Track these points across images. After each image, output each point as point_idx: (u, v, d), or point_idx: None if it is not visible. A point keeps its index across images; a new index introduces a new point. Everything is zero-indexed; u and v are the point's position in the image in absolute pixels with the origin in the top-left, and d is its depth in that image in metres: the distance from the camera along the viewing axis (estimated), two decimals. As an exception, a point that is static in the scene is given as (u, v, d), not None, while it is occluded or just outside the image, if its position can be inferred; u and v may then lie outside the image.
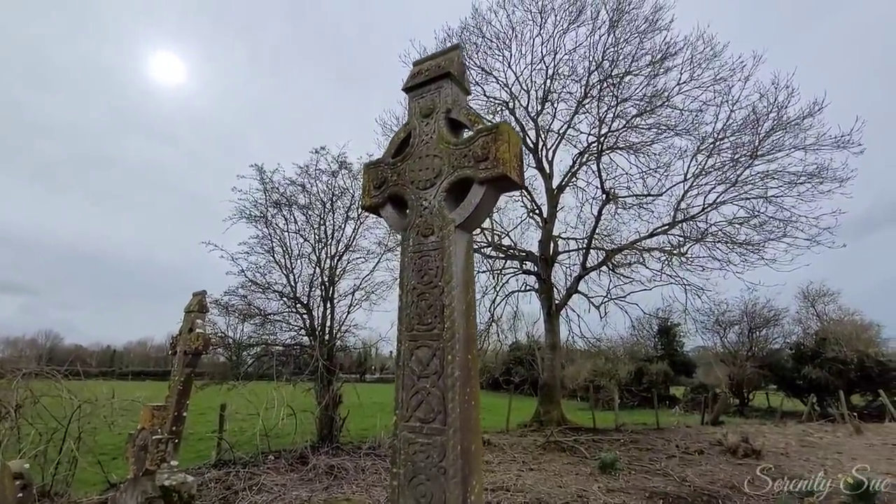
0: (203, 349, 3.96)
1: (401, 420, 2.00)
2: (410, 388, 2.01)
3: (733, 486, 8.78)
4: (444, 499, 1.79)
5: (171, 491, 3.64)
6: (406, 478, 1.91)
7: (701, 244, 12.80)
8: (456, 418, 1.85)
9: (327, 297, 11.95)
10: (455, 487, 1.76)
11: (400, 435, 1.98)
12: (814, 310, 27.12)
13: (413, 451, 1.93)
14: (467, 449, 1.85)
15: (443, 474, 1.83)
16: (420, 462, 1.90)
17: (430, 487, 1.83)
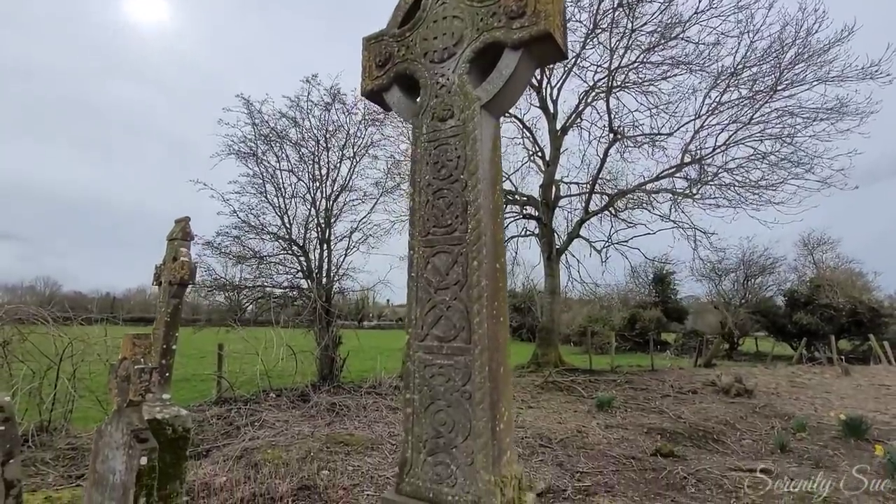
0: (189, 279, 3.63)
1: (415, 339, 1.69)
2: (426, 302, 1.68)
3: (727, 423, 8.96)
4: (468, 427, 1.52)
5: (163, 425, 3.45)
6: (422, 404, 1.63)
7: (713, 185, 12.35)
8: (483, 335, 1.53)
9: (324, 240, 11.59)
10: (482, 414, 1.48)
11: (414, 356, 1.68)
12: (811, 258, 27.23)
13: (430, 375, 1.64)
14: (496, 370, 1.56)
15: (467, 400, 1.54)
16: (439, 386, 1.61)
17: (452, 415, 1.55)
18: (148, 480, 2.44)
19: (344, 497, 4.48)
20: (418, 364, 1.66)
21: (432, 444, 1.57)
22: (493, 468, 1.45)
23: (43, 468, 5.20)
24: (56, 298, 19.22)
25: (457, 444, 1.53)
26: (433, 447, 1.57)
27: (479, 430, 1.49)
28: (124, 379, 2.76)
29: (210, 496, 4.37)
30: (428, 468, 1.57)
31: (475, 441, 1.49)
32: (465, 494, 1.45)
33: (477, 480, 1.45)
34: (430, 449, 1.58)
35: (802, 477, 5.63)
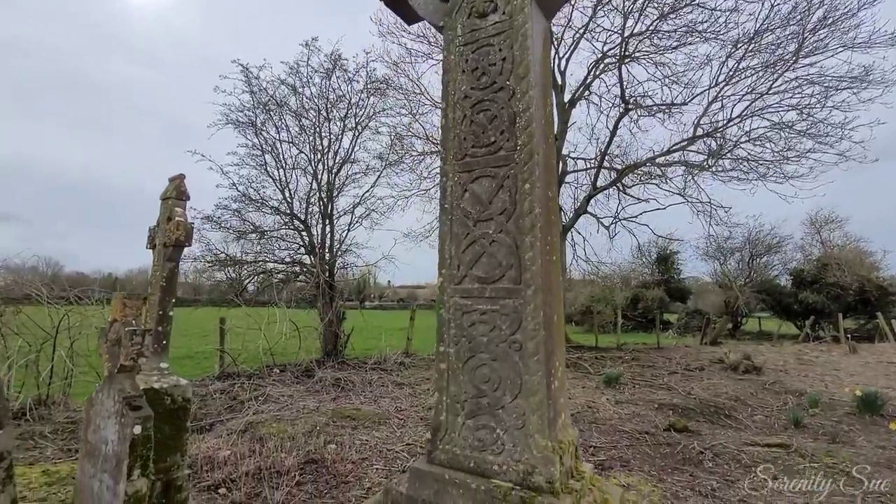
0: (185, 240, 3.35)
1: (449, 282, 1.41)
2: (463, 237, 1.39)
3: (738, 399, 8.82)
4: (518, 384, 1.26)
5: (161, 394, 3.22)
6: (460, 359, 1.37)
7: (728, 158, 11.92)
8: (536, 273, 1.25)
9: (326, 214, 11.28)
10: (536, 368, 1.22)
11: (448, 303, 1.40)
12: (819, 237, 26.90)
13: (470, 323, 1.37)
14: (550, 317, 1.29)
15: (517, 351, 1.28)
16: (481, 337, 1.34)
17: (498, 370, 1.29)
18: (142, 451, 2.21)
19: (352, 471, 4.30)
20: (454, 311, 1.39)
21: (473, 405, 1.32)
22: (548, 432, 1.20)
23: (42, 441, 5.04)
24: (58, 279, 19.13)
25: (504, 403, 1.28)
26: (474, 408, 1.32)
27: (532, 386, 1.23)
28: (115, 343, 2.52)
29: (214, 469, 4.20)
30: (468, 433, 1.32)
31: (527, 400, 1.23)
32: (514, 463, 1.21)
33: (530, 446, 1.20)
34: (470, 411, 1.33)
35: (820, 452, 5.47)
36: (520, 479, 1.18)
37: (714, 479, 4.72)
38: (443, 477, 1.26)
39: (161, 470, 3.13)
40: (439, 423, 1.37)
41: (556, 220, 1.41)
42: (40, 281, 7.58)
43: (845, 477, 2.78)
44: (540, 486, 1.14)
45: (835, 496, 3.78)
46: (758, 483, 4.58)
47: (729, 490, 4.43)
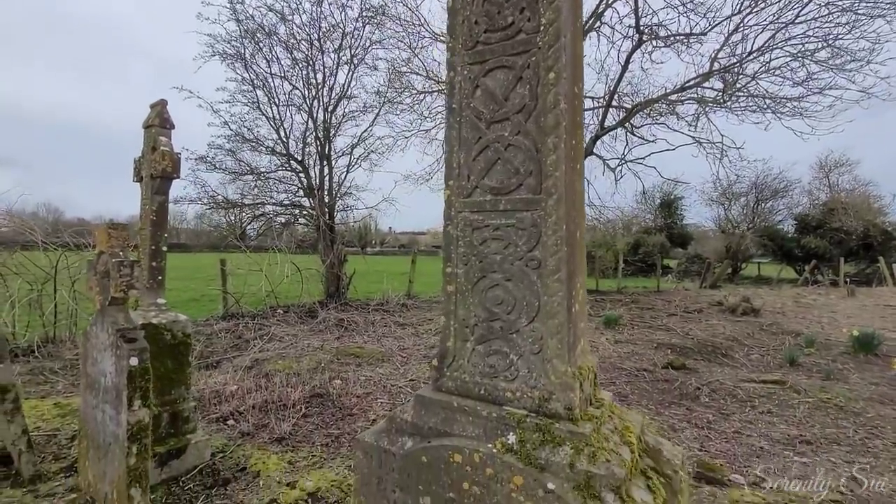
0: (172, 171, 3.15)
1: (458, 195, 1.25)
2: (474, 142, 1.22)
3: (735, 339, 8.95)
4: (536, 306, 1.14)
5: (161, 330, 3.17)
6: (470, 280, 1.24)
7: (744, 93, 11.27)
8: (559, 180, 1.09)
9: (323, 155, 10.89)
10: (556, 288, 1.09)
11: (457, 218, 1.25)
12: (827, 181, 26.36)
13: (481, 240, 1.23)
14: (573, 232, 1.14)
15: (535, 269, 1.14)
16: (494, 255, 1.20)
17: (513, 291, 1.17)
18: (141, 382, 2.16)
19: (357, 404, 4.39)
20: (463, 228, 1.24)
21: (484, 329, 1.21)
22: (568, 357, 1.10)
23: (52, 377, 5.13)
24: (60, 225, 19.05)
25: (519, 327, 1.17)
26: (485, 333, 1.21)
27: (551, 308, 1.10)
28: (104, 275, 2.40)
29: (221, 403, 4.28)
30: (478, 359, 1.22)
31: (546, 323, 1.11)
32: (529, 390, 1.11)
33: (547, 372, 1.10)
34: (480, 335, 1.22)
35: (815, 388, 5.57)
36: (535, 406, 1.08)
37: (710, 412, 4.81)
38: (451, 404, 1.17)
39: (167, 402, 3.16)
40: (446, 349, 1.26)
41: (580, 123, 1.22)
42: (40, 226, 7.42)
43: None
44: (557, 412, 1.05)
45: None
46: (753, 417, 4.69)
47: (724, 423, 4.53)
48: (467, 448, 1.08)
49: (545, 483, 0.96)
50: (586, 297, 1.23)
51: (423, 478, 1.13)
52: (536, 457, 1.01)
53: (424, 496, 1.13)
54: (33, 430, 3.77)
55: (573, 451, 0.99)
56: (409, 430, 1.23)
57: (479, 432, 1.12)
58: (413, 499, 1.15)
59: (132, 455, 2.13)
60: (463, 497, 1.07)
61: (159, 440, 2.99)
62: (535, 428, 1.07)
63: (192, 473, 2.98)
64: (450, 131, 1.26)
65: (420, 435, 1.20)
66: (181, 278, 16.87)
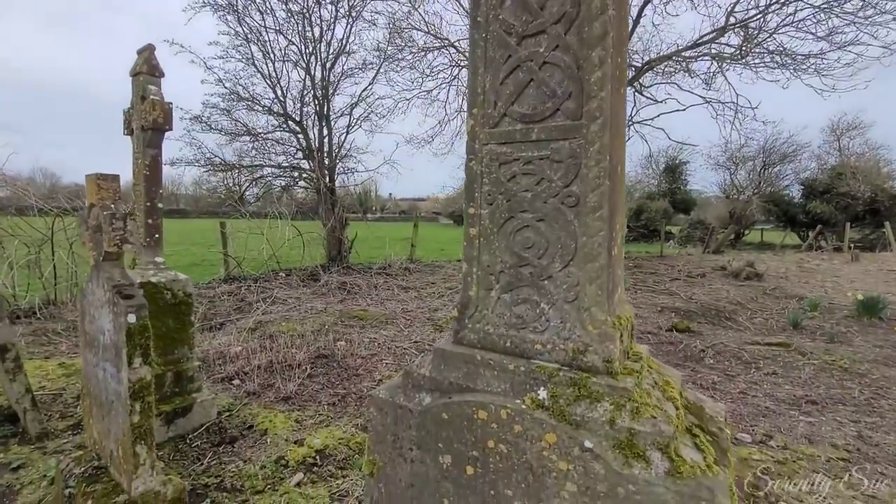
0: (163, 122, 2.97)
1: (483, 125, 1.10)
2: (502, 62, 1.05)
3: (738, 303, 8.93)
4: (572, 248, 1.01)
5: (160, 289, 3.07)
6: (495, 221, 1.11)
7: (761, 49, 10.73)
8: (605, 101, 0.94)
9: (322, 115, 10.52)
10: (598, 227, 0.96)
11: (481, 152, 1.11)
12: (838, 144, 25.77)
13: (509, 176, 1.09)
14: (615, 165, 1.00)
15: (572, 207, 1.01)
16: (524, 191, 1.07)
17: (545, 232, 1.04)
18: (140, 340, 2.08)
19: (362, 365, 4.37)
20: (489, 162, 1.10)
21: (511, 277, 1.09)
22: (607, 305, 0.98)
23: (55, 338, 5.11)
24: (57, 189, 18.79)
25: (551, 273, 1.05)
26: (512, 280, 1.09)
27: (590, 250, 0.98)
28: (96, 229, 2.28)
29: (226, 364, 4.27)
30: (504, 309, 1.11)
31: (583, 267, 0.99)
32: (562, 342, 1.01)
33: (584, 322, 0.99)
34: (507, 283, 1.10)
35: (819, 350, 5.56)
36: (568, 360, 0.99)
37: (715, 374, 4.80)
38: (473, 358, 1.08)
39: (170, 362, 3.11)
40: (468, 298, 1.15)
41: (626, 39, 1.06)
42: (37, 192, 7.25)
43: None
44: (594, 366, 0.95)
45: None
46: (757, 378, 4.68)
47: (729, 384, 4.52)
48: (493, 404, 0.99)
49: (581, 441, 0.88)
50: (624, 238, 1.10)
51: (444, 435, 1.05)
52: (571, 413, 0.92)
53: (445, 454, 1.05)
54: (38, 389, 3.76)
55: (613, 406, 0.90)
56: (427, 386, 1.14)
57: (506, 387, 1.03)
58: (432, 457, 1.07)
59: (135, 413, 2.08)
60: (488, 455, 0.99)
61: (164, 399, 2.96)
62: (569, 382, 0.97)
63: (199, 431, 2.96)
64: (473, 50, 1.09)
65: (440, 390, 1.11)
66: (182, 243, 16.80)
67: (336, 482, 2.47)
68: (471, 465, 1.02)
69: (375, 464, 1.17)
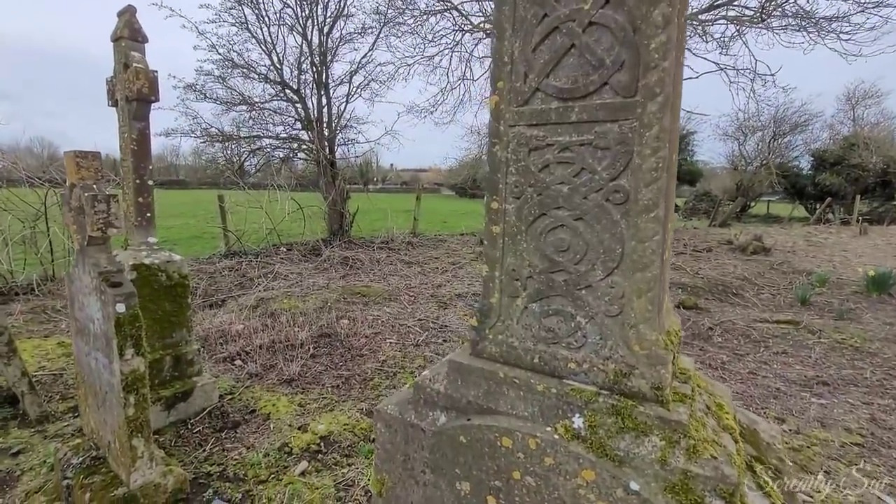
0: (148, 92, 2.75)
1: (509, 101, 0.92)
2: (536, 22, 0.86)
3: (745, 279, 8.81)
4: (619, 253, 0.85)
5: (154, 271, 2.94)
6: (523, 218, 0.95)
7: (780, 13, 10.14)
8: (666, 74, 0.76)
9: (321, 83, 10.12)
10: (651, 230, 0.80)
11: (507, 135, 0.93)
12: (852, 113, 25.01)
13: (541, 165, 0.91)
14: (670, 155, 0.83)
15: (619, 205, 0.84)
16: (559, 184, 0.90)
17: (584, 233, 0.88)
18: (131, 330, 1.96)
19: (366, 344, 4.29)
20: (516, 148, 0.92)
21: (541, 283, 0.94)
22: (658, 321, 0.84)
23: (54, 315, 5.04)
24: (54, 161, 18.47)
25: (591, 281, 0.89)
26: (543, 288, 0.94)
27: (641, 257, 0.82)
28: (79, 211, 2.12)
29: (228, 343, 4.19)
30: (532, 320, 0.97)
31: (631, 277, 0.84)
32: (601, 362, 0.87)
33: (629, 340, 0.85)
34: (536, 290, 0.95)
35: (828, 328, 5.47)
36: (609, 383, 0.85)
37: (724, 353, 4.73)
38: (495, 374, 0.94)
39: (168, 346, 3.02)
40: (489, 306, 1.01)
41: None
42: (37, 163, 7.01)
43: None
44: (640, 392, 0.81)
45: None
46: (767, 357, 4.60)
47: (738, 363, 4.44)
48: (519, 431, 0.86)
49: (626, 482, 0.75)
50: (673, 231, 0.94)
51: (462, 461, 0.93)
52: (613, 447, 0.79)
53: (462, 481, 0.93)
54: (38, 369, 3.70)
55: (665, 442, 0.77)
56: (441, 403, 1.01)
57: (534, 411, 0.90)
58: (447, 482, 0.96)
59: (130, 406, 1.98)
60: (513, 487, 0.88)
61: (164, 384, 2.89)
62: (610, 410, 0.84)
63: (201, 416, 2.90)
64: (499, 8, 0.89)
65: (456, 409, 0.98)
66: (182, 215, 16.63)
67: (341, 471, 2.41)
68: (493, 496, 0.91)
69: (384, 483, 1.06)
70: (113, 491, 2.02)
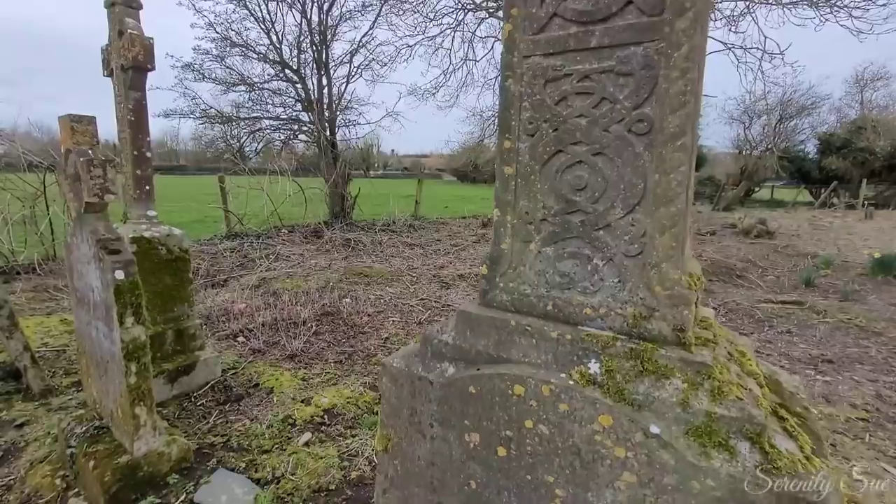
0: (144, 60, 2.67)
1: (523, 29, 0.85)
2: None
3: (749, 261, 8.76)
4: (641, 188, 0.80)
5: (154, 244, 2.90)
6: (537, 156, 0.90)
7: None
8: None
9: (321, 63, 9.94)
10: (677, 160, 0.75)
11: (521, 66, 0.87)
12: (860, 96, 24.60)
13: (558, 97, 0.86)
14: (700, 77, 0.77)
15: (642, 135, 0.79)
16: (577, 117, 0.84)
17: (604, 168, 0.83)
18: (131, 298, 1.93)
19: (369, 322, 4.27)
20: (531, 80, 0.86)
21: (556, 225, 0.89)
22: (681, 260, 0.79)
23: (56, 294, 5.03)
24: (55, 146, 18.39)
25: (609, 220, 0.85)
26: (558, 230, 0.89)
27: (666, 191, 0.77)
28: (75, 178, 2.07)
29: (231, 321, 4.18)
30: (545, 265, 0.92)
31: (654, 213, 0.79)
32: (619, 305, 0.83)
33: (650, 281, 0.80)
34: (550, 233, 0.91)
35: (833, 309, 5.43)
36: (627, 327, 0.81)
37: (729, 332, 4.68)
38: (506, 323, 0.90)
39: (170, 319, 3.00)
40: (500, 253, 0.96)
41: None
42: (38, 147, 6.97)
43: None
44: (661, 334, 0.77)
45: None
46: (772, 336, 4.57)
47: (743, 342, 4.40)
48: (532, 378, 0.83)
49: (645, 425, 0.72)
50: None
51: (471, 412, 0.90)
52: (632, 392, 0.76)
53: (472, 433, 0.90)
54: (41, 346, 3.70)
55: (687, 385, 0.73)
56: (450, 355, 0.98)
57: (547, 359, 0.86)
58: (456, 435, 0.93)
59: (131, 374, 1.96)
60: (525, 437, 0.85)
61: (166, 357, 2.87)
62: (628, 354, 0.80)
63: (204, 389, 2.89)
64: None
65: (465, 360, 0.95)
66: (183, 199, 16.56)
67: (345, 441, 2.40)
68: (503, 447, 0.88)
69: (390, 439, 1.04)
70: (117, 459, 2.02)
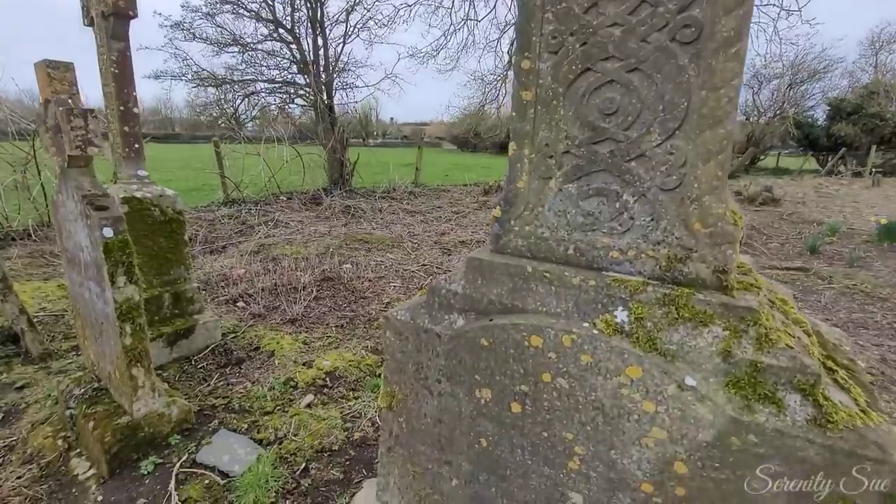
0: (125, 6, 2.49)
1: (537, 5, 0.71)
2: None
3: (754, 228, 8.65)
4: (683, 107, 0.68)
5: (148, 205, 2.80)
6: (561, 77, 0.77)
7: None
8: None
9: (316, 21, 9.50)
10: (730, 70, 0.63)
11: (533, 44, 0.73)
12: (875, 59, 23.77)
13: (587, 3, 0.72)
14: None
15: (688, 44, 0.64)
16: (608, 27, 0.70)
17: (639, 87, 0.71)
18: (121, 256, 1.84)
19: (370, 287, 4.22)
20: (545, 40, 0.74)
21: (581, 158, 0.78)
22: (725, 192, 0.70)
23: (52, 259, 4.96)
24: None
25: (644, 149, 0.74)
26: (583, 162, 0.79)
27: (713, 109, 0.66)
28: (56, 130, 1.95)
29: (230, 286, 4.12)
30: (566, 204, 0.82)
31: (697, 137, 0.68)
32: (650, 247, 0.73)
33: (689, 218, 0.70)
34: (574, 167, 0.80)
35: (838, 275, 5.37)
36: (659, 272, 0.72)
37: (733, 297, 4.63)
38: (522, 270, 0.81)
39: (167, 283, 2.93)
40: (515, 192, 0.86)
41: None
42: (30, 115, 6.72)
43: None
44: (699, 278, 0.69)
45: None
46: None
47: (748, 307, 4.36)
48: (552, 329, 0.74)
49: (680, 377, 0.64)
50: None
51: (482, 366, 0.83)
52: (664, 341, 0.68)
53: (483, 388, 0.83)
54: (39, 311, 3.66)
55: (729, 332, 0.65)
56: (459, 305, 0.90)
57: (568, 307, 0.78)
58: (466, 390, 0.86)
59: (126, 335, 1.90)
60: (541, 392, 0.78)
61: (164, 321, 2.83)
62: (660, 300, 0.71)
63: (204, 353, 2.86)
64: None
65: (476, 311, 0.87)
66: (184, 168, 16.27)
67: (348, 403, 2.38)
68: (518, 402, 0.81)
69: (394, 396, 0.97)
70: (117, 420, 1.99)
